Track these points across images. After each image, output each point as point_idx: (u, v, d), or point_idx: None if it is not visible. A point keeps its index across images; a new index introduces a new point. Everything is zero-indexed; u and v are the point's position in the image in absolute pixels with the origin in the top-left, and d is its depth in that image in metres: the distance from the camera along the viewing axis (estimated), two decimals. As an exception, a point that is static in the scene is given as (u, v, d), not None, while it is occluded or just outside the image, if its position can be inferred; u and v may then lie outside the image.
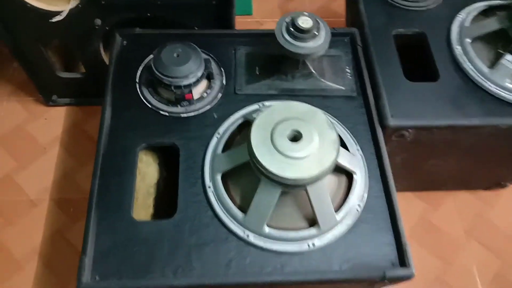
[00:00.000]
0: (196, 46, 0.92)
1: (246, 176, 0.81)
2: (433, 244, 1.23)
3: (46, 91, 1.32)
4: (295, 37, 0.87)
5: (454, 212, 1.29)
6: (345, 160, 0.82)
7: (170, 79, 0.88)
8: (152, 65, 0.89)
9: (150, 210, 0.95)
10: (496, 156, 1.13)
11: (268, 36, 1.02)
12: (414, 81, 1.01)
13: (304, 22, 0.87)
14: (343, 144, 0.88)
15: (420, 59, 1.08)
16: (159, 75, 0.88)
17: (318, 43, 0.88)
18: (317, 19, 0.90)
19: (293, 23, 0.87)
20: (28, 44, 1.13)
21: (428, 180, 1.25)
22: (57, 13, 1.02)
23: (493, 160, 1.15)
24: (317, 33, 0.88)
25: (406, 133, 0.96)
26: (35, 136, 1.32)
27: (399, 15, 1.11)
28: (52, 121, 1.35)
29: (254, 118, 0.84)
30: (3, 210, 1.20)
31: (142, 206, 0.92)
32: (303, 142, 0.74)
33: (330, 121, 0.77)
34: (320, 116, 0.78)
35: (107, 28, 1.08)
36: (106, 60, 1.18)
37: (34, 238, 1.17)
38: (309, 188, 0.75)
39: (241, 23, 1.61)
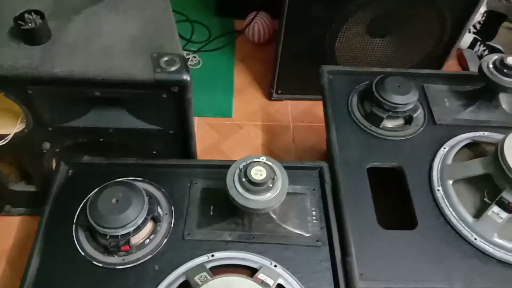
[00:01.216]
0: (139, 188, 0.83)
1: None
2: None
3: (-3, 202, 1.23)
4: (247, 190, 0.78)
5: None
6: None
7: (105, 229, 0.78)
8: (87, 211, 0.79)
9: None
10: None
11: (227, 168, 0.94)
12: (389, 228, 0.89)
13: (257, 173, 0.77)
14: (300, 315, 0.76)
15: (398, 198, 0.97)
16: (94, 223, 0.78)
17: (273, 196, 0.78)
18: (274, 166, 0.80)
19: (246, 174, 0.78)
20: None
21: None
22: (2, 136, 0.94)
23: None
24: (271, 185, 0.78)
25: (377, 296, 0.83)
26: (-19, 250, 1.21)
27: (375, 146, 1.02)
28: (2, 233, 1.24)
29: (195, 284, 0.72)
30: None
31: None
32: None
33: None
34: (264, 298, 0.66)
35: (57, 150, 1.00)
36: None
37: None
38: None
39: (220, 125, 1.54)
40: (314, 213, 0.90)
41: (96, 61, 0.83)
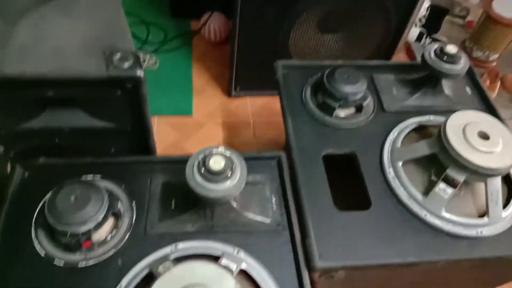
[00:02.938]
0: (98, 185, 0.83)
1: None
2: None
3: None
4: (207, 179, 0.79)
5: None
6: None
7: (64, 226, 0.77)
8: (46, 209, 0.78)
9: None
10: (439, 283, 1.05)
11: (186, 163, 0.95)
12: (345, 209, 0.94)
13: (216, 163, 0.79)
14: (263, 296, 0.78)
15: (352, 181, 1.02)
16: (53, 221, 0.77)
17: (232, 184, 0.80)
18: (232, 156, 0.83)
19: (204, 164, 0.80)
20: None
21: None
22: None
23: (437, 285, 1.06)
24: (230, 174, 0.80)
25: (335, 274, 0.87)
26: None
27: (329, 134, 1.06)
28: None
29: (158, 273, 0.73)
30: None
31: None
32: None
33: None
34: (227, 281, 0.68)
35: (11, 155, 0.98)
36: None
37: None
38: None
39: (181, 124, 1.55)
40: (274, 200, 0.93)
41: (48, 61, 0.83)
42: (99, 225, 0.80)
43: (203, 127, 1.55)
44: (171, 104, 1.59)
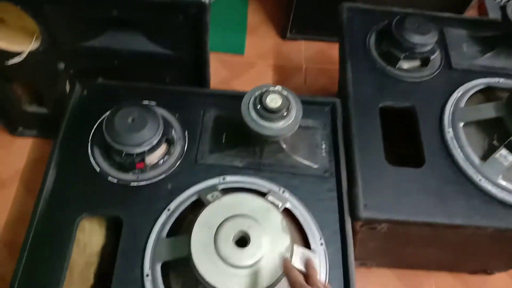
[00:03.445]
0: (154, 110, 0.84)
1: (189, 270, 0.72)
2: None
3: (11, 123, 1.25)
4: (262, 116, 0.78)
5: (435, 296, 1.19)
6: (302, 262, 0.72)
7: (121, 146, 0.80)
8: (104, 128, 0.81)
9: (90, 282, 0.86)
10: (481, 251, 1.02)
11: (241, 98, 0.94)
12: (396, 165, 0.91)
13: (273, 101, 0.78)
14: (304, 236, 0.79)
15: (407, 137, 0.98)
16: (110, 140, 0.80)
17: (287, 124, 0.79)
18: (289, 96, 0.81)
19: (261, 101, 0.78)
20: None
21: (407, 261, 1.15)
22: (16, 54, 0.94)
23: (478, 253, 1.04)
24: (286, 114, 0.79)
25: (378, 226, 0.86)
26: (-5, 168, 1.25)
27: (389, 86, 1.01)
28: (15, 154, 1.27)
29: (207, 201, 0.75)
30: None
31: (79, 281, 0.83)
32: (250, 248, 0.65)
33: (284, 225, 0.68)
34: (274, 216, 0.69)
35: (71, 72, 1.00)
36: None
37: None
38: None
39: (232, 62, 1.53)
40: (324, 146, 0.92)
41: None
42: (153, 149, 0.82)
43: (253, 68, 1.52)
44: (223, 41, 1.56)
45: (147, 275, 0.74)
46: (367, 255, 1.09)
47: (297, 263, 0.71)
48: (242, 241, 0.66)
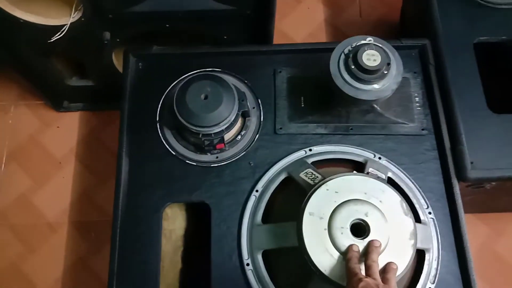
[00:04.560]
0: (227, 82, 0.73)
1: (294, 258, 0.66)
2: (497, 278, 1.08)
3: (55, 98, 1.17)
4: (357, 78, 0.67)
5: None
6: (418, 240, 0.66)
7: (198, 128, 0.71)
8: (175, 109, 0.71)
9: (179, 266, 0.83)
10: None
11: (315, 53, 0.83)
12: (500, 112, 0.80)
13: (370, 58, 0.66)
14: (412, 208, 0.72)
15: (509, 78, 0.86)
16: (185, 123, 0.71)
17: (387, 84, 0.68)
18: (385, 48, 0.68)
19: (356, 59, 0.66)
20: (30, 57, 0.96)
21: (497, 207, 1.08)
22: (57, 28, 0.83)
23: None
24: (386, 72, 0.67)
25: (488, 185, 0.78)
26: (49, 148, 1.19)
27: (483, 16, 0.86)
28: (65, 130, 1.21)
29: (305, 182, 0.68)
30: (22, 235, 1.12)
31: (169, 269, 0.80)
32: (371, 237, 0.58)
33: (405, 207, 0.60)
34: (391, 197, 0.61)
35: (118, 41, 0.89)
36: (120, 69, 1.00)
37: (56, 268, 1.08)
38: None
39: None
40: (417, 99, 0.81)
41: None
42: (231, 126, 0.74)
43: (301, 3, 1.35)
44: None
45: (248, 264, 0.69)
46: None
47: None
48: (360, 228, 0.59)
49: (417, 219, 0.70)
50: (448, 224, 0.73)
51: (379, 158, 0.75)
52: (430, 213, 0.72)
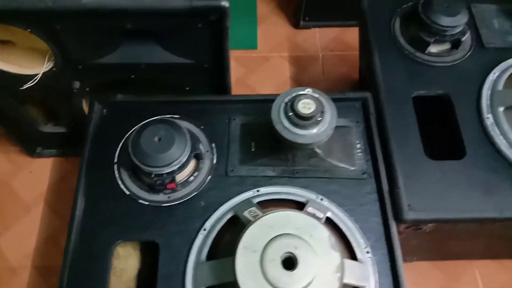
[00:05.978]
0: (180, 125, 0.80)
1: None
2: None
3: (29, 144, 1.22)
4: (295, 124, 0.74)
5: (478, 284, 1.14)
6: (351, 277, 0.69)
7: (150, 168, 0.76)
8: (130, 150, 0.77)
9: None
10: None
11: (267, 103, 0.90)
12: (436, 158, 0.86)
13: (305, 106, 0.73)
14: (349, 247, 0.75)
15: (444, 127, 0.93)
16: (138, 163, 0.76)
17: (322, 129, 0.75)
18: (321, 98, 0.76)
19: (293, 107, 0.74)
20: (4, 104, 1.02)
21: (449, 253, 1.11)
22: (30, 76, 0.90)
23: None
24: (320, 119, 0.74)
25: (424, 227, 0.82)
26: (19, 192, 1.23)
27: (420, 72, 0.96)
28: (36, 175, 1.25)
29: (246, 219, 0.72)
30: (-19, 278, 1.12)
31: (120, 308, 0.81)
32: (299, 269, 0.61)
33: (333, 241, 0.64)
34: (321, 232, 0.65)
35: (87, 89, 0.96)
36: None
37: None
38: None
39: (246, 58, 1.47)
40: (358, 146, 0.88)
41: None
42: (182, 166, 0.79)
43: (268, 61, 1.46)
44: (234, 37, 1.49)
45: (191, 302, 0.71)
46: (408, 252, 1.04)
47: (349, 278, 0.67)
48: (290, 262, 0.63)
49: (353, 257, 0.74)
50: (386, 264, 0.76)
51: (321, 199, 0.80)
52: (368, 252, 0.76)
